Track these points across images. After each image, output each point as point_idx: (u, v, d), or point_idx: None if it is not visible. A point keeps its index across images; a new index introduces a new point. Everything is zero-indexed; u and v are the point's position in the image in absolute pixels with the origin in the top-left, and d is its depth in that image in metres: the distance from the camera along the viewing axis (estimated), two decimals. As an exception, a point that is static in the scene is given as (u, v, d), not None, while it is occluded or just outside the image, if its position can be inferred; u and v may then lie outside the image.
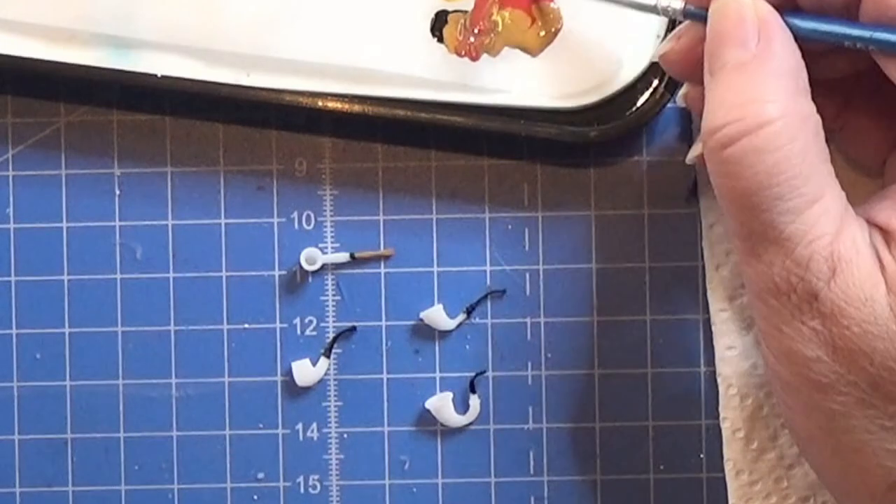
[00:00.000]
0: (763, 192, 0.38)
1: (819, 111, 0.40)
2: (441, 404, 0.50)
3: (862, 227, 0.39)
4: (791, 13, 0.40)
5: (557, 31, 0.49)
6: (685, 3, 0.42)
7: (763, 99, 0.38)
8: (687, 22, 0.43)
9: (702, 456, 0.50)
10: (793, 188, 0.38)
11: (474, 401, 0.50)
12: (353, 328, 0.50)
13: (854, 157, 0.47)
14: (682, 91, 0.45)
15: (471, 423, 0.50)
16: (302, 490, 0.50)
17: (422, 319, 0.50)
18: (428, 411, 0.50)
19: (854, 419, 0.39)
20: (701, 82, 0.41)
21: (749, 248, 0.40)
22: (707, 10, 0.41)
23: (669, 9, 0.42)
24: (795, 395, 0.40)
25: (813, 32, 0.40)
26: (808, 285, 0.38)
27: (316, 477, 0.50)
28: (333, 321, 0.50)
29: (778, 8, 0.40)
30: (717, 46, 0.40)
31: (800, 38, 0.40)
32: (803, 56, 0.40)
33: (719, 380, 0.50)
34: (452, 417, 0.50)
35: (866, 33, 0.40)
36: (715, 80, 0.40)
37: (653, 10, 0.43)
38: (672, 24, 0.46)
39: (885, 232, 0.39)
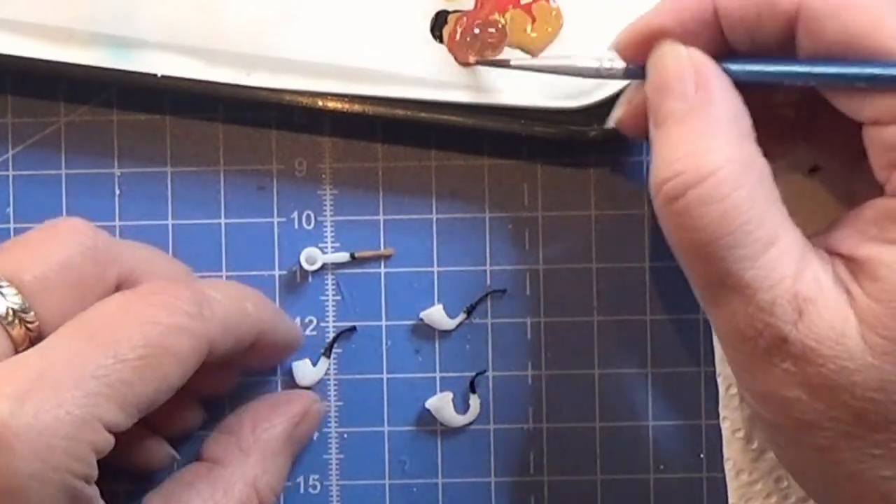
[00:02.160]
0: (716, 242, 0.38)
1: (777, 128, 0.41)
2: (441, 404, 0.50)
3: (824, 261, 0.39)
4: (728, 59, 0.40)
5: (557, 31, 0.49)
6: (626, 64, 0.42)
7: (705, 150, 0.38)
8: (634, 83, 0.43)
9: (702, 456, 0.50)
10: (745, 234, 0.38)
11: (474, 401, 0.50)
12: (353, 328, 0.50)
13: (825, 165, 0.46)
14: (613, 116, 0.45)
15: (471, 423, 0.50)
16: (302, 490, 0.50)
17: (422, 319, 0.50)
18: (428, 411, 0.50)
19: (842, 451, 0.38)
20: None
21: (710, 298, 0.39)
22: (643, 67, 0.41)
23: (612, 70, 0.43)
24: (780, 433, 0.40)
25: (752, 75, 0.40)
26: (774, 329, 0.38)
27: (316, 477, 0.50)
28: (333, 321, 0.50)
29: (715, 55, 0.40)
30: (658, 100, 0.40)
31: (739, 82, 0.40)
32: (750, 90, 0.40)
33: (719, 380, 0.50)
34: (453, 417, 0.50)
35: (805, 69, 0.39)
36: (658, 133, 0.40)
37: (595, 73, 0.43)
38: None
39: (850, 261, 0.39)
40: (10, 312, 0.40)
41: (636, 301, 0.50)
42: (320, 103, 0.49)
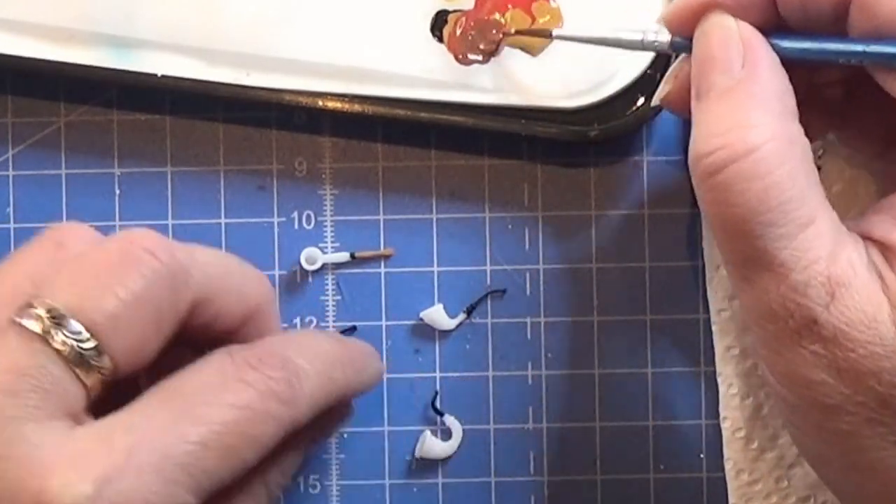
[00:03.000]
0: (755, 219, 0.38)
1: (817, 107, 0.40)
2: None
3: (857, 245, 0.39)
4: (777, 35, 0.40)
5: (557, 30, 0.49)
6: (671, 36, 0.42)
7: (749, 124, 0.38)
8: (680, 58, 0.43)
9: (702, 456, 0.50)
10: (784, 213, 0.37)
11: (455, 425, 0.50)
12: (353, 328, 0.50)
13: (856, 149, 0.46)
14: (660, 92, 0.44)
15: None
16: (302, 490, 0.50)
17: (422, 319, 0.50)
18: (428, 411, 0.50)
19: (865, 438, 0.38)
20: None
21: (742, 274, 0.39)
22: (692, 40, 0.41)
23: (656, 42, 0.42)
24: (803, 418, 0.39)
25: (801, 52, 0.40)
26: (806, 311, 0.38)
27: (316, 477, 0.50)
28: (333, 321, 0.50)
29: (763, 29, 0.40)
30: (702, 72, 0.40)
31: (787, 59, 0.40)
32: (796, 67, 0.40)
33: (719, 380, 0.50)
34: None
35: (858, 48, 0.39)
36: (700, 106, 0.39)
37: (639, 46, 0.42)
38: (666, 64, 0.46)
39: (884, 247, 0.39)
40: (82, 356, 0.37)
41: (636, 301, 0.50)
42: (320, 103, 0.49)
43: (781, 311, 0.38)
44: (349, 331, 0.50)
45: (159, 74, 0.49)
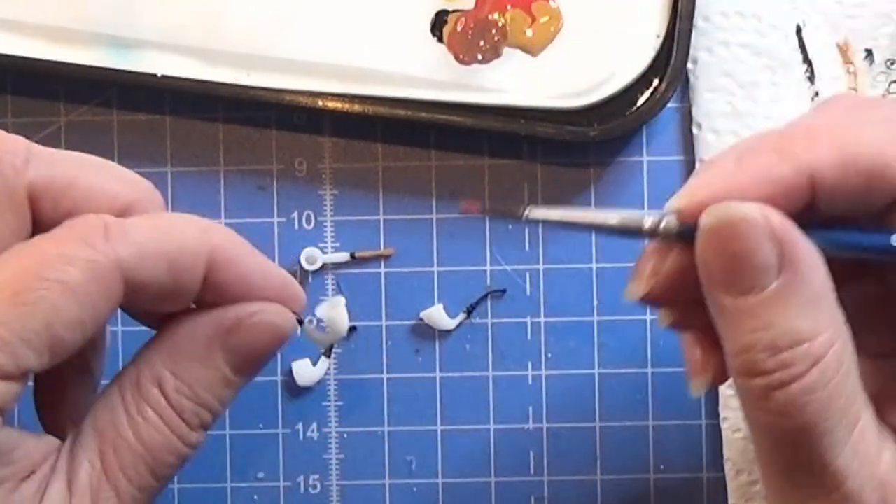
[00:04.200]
0: (814, 430, 0.35)
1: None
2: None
3: (889, 441, 0.37)
4: (815, 228, 0.35)
5: (557, 31, 0.49)
6: (680, 223, 0.36)
7: (807, 335, 0.34)
8: (651, 248, 0.38)
9: (702, 456, 0.50)
10: (840, 418, 0.35)
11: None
12: (353, 328, 0.50)
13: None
14: (635, 289, 0.39)
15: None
16: (302, 490, 0.50)
17: (422, 319, 0.50)
18: (428, 411, 0.50)
19: None
20: (687, 303, 0.37)
21: (784, 479, 0.36)
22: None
23: (660, 230, 0.36)
24: None
25: (842, 248, 0.35)
26: None
27: (316, 477, 0.50)
28: (333, 321, 0.50)
29: (795, 217, 0.35)
30: (731, 273, 0.35)
31: (829, 253, 0.35)
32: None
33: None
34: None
35: None
36: (734, 318, 0.35)
37: (642, 234, 0.37)
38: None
39: None
40: None
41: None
42: (320, 103, 0.49)
43: None
44: (349, 331, 0.50)
45: (159, 74, 0.49)
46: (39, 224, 0.38)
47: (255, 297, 0.40)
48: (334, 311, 0.47)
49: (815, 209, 0.35)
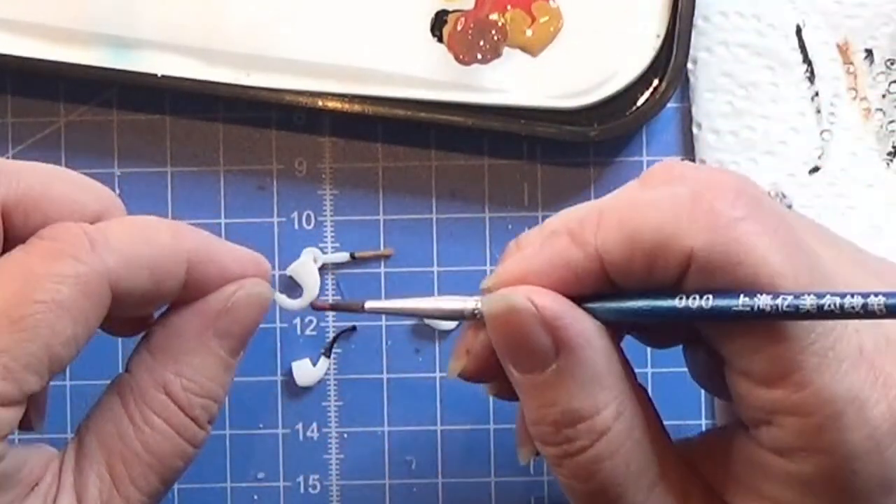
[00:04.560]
0: (607, 493, 0.37)
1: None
2: None
3: (701, 498, 0.38)
4: (592, 299, 0.37)
5: (557, 31, 0.49)
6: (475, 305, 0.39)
7: (587, 413, 0.37)
8: (465, 329, 0.40)
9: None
10: (634, 481, 0.37)
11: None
12: (353, 328, 0.50)
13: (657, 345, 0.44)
14: (453, 368, 0.41)
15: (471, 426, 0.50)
16: (302, 490, 0.50)
17: (422, 319, 0.50)
18: (428, 411, 0.50)
19: None
20: (504, 377, 0.38)
21: None
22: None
23: (476, 311, 0.39)
24: None
25: (619, 314, 0.37)
26: None
27: (316, 477, 0.50)
28: (333, 321, 0.50)
29: (581, 294, 0.37)
30: (514, 355, 0.37)
31: (624, 321, 0.38)
32: None
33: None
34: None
35: (677, 305, 0.36)
36: (525, 392, 0.38)
37: (465, 317, 0.40)
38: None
39: None
40: None
41: (636, 301, 0.50)
42: (320, 103, 0.49)
43: None
44: (349, 331, 0.50)
45: (159, 74, 0.49)
46: (10, 237, 0.38)
47: (233, 280, 0.41)
48: (303, 269, 0.48)
49: (615, 286, 0.37)
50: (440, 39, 0.49)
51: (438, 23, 0.49)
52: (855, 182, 0.50)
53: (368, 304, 0.43)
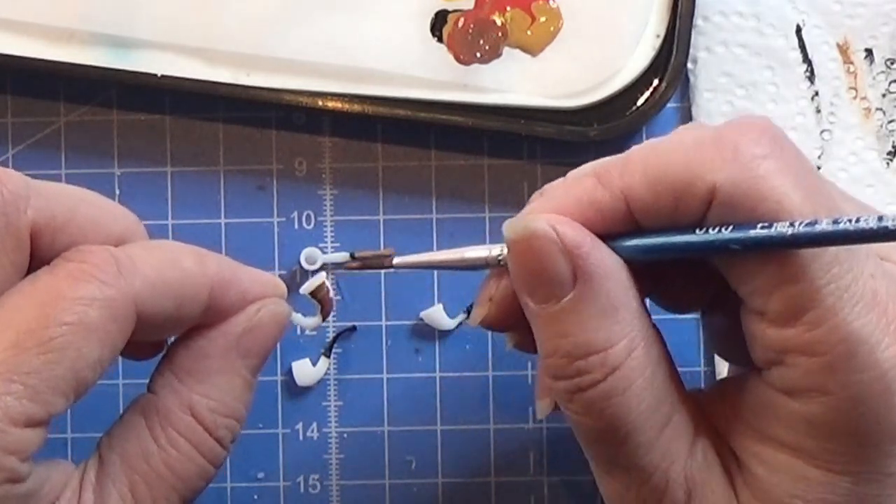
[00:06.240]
0: (617, 431, 0.37)
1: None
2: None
3: (712, 439, 0.38)
4: (617, 236, 0.37)
5: (557, 30, 0.49)
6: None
7: (600, 346, 0.37)
8: (489, 277, 0.40)
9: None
10: (643, 421, 0.37)
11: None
12: (353, 328, 0.50)
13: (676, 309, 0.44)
14: (476, 316, 0.41)
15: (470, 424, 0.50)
16: (302, 490, 0.50)
17: (422, 319, 0.50)
18: (428, 411, 0.50)
19: None
20: (527, 326, 0.39)
21: (603, 469, 0.39)
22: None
23: (500, 258, 0.39)
24: None
25: (642, 251, 0.37)
26: None
27: (316, 477, 0.50)
28: (333, 321, 0.50)
29: (605, 233, 0.37)
30: (531, 283, 0.38)
31: (643, 259, 0.37)
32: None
33: (718, 379, 0.50)
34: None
35: (696, 239, 0.36)
36: (540, 325, 0.38)
37: (483, 264, 0.40)
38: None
39: (737, 458, 0.38)
40: None
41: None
42: (320, 103, 0.49)
43: None
44: (349, 331, 0.50)
45: (159, 74, 0.49)
46: (36, 258, 0.38)
47: (253, 303, 0.42)
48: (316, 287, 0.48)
49: (640, 227, 0.38)
50: (440, 39, 0.49)
51: (438, 23, 0.49)
52: (855, 182, 0.50)
53: (396, 260, 0.43)
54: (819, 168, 0.50)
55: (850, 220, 0.34)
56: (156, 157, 0.51)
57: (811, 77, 0.50)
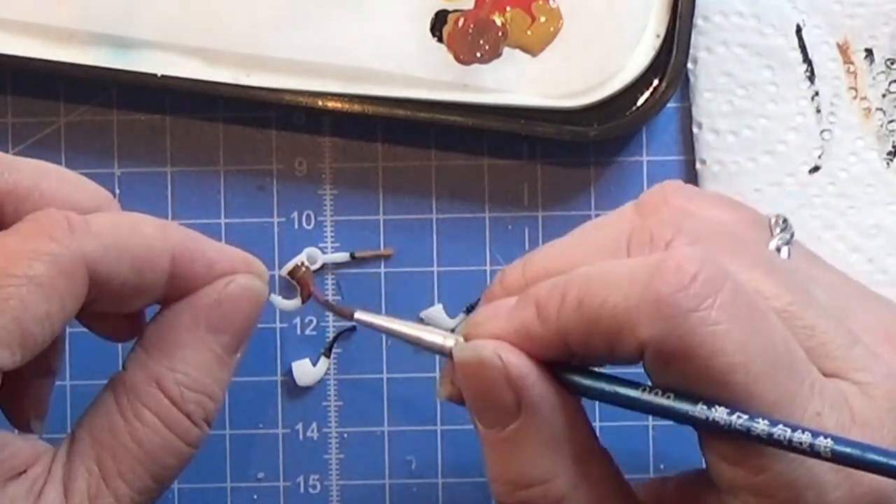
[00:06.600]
0: None
1: None
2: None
3: None
4: (570, 369, 0.38)
5: (557, 31, 0.49)
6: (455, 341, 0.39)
7: (539, 479, 0.37)
8: (450, 361, 0.40)
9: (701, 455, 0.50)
10: None
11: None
12: (354, 328, 0.50)
13: None
14: (441, 391, 0.41)
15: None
16: (302, 490, 0.50)
17: (422, 319, 0.50)
18: (428, 411, 0.50)
19: None
20: None
21: None
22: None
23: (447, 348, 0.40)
24: None
25: (593, 393, 0.37)
26: None
27: (316, 477, 0.50)
28: (333, 321, 0.50)
29: (551, 361, 0.37)
30: (478, 407, 0.38)
31: (589, 396, 0.38)
32: None
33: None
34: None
35: (647, 399, 0.36)
36: (486, 447, 0.38)
37: (438, 349, 0.40)
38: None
39: None
40: None
41: (636, 301, 0.50)
42: (320, 103, 0.49)
43: None
44: (349, 331, 0.50)
45: (159, 74, 0.49)
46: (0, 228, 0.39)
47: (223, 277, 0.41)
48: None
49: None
50: (440, 39, 0.49)
51: (438, 23, 0.49)
52: (855, 182, 0.50)
53: (358, 315, 0.43)
54: (819, 168, 0.50)
55: (785, 430, 0.34)
56: (156, 157, 0.51)
57: (811, 77, 0.50)
